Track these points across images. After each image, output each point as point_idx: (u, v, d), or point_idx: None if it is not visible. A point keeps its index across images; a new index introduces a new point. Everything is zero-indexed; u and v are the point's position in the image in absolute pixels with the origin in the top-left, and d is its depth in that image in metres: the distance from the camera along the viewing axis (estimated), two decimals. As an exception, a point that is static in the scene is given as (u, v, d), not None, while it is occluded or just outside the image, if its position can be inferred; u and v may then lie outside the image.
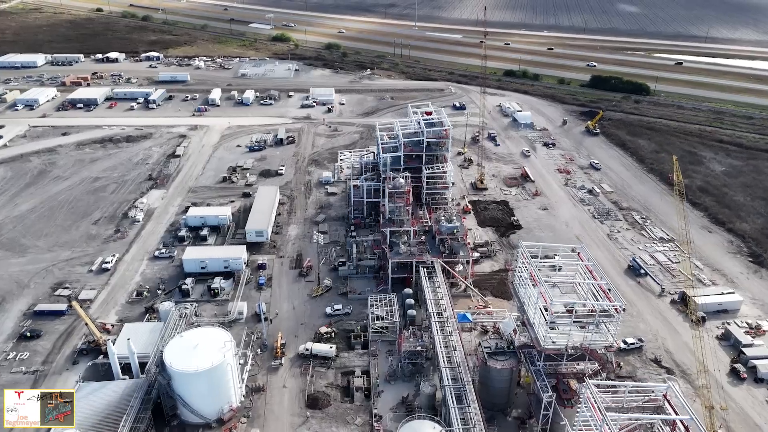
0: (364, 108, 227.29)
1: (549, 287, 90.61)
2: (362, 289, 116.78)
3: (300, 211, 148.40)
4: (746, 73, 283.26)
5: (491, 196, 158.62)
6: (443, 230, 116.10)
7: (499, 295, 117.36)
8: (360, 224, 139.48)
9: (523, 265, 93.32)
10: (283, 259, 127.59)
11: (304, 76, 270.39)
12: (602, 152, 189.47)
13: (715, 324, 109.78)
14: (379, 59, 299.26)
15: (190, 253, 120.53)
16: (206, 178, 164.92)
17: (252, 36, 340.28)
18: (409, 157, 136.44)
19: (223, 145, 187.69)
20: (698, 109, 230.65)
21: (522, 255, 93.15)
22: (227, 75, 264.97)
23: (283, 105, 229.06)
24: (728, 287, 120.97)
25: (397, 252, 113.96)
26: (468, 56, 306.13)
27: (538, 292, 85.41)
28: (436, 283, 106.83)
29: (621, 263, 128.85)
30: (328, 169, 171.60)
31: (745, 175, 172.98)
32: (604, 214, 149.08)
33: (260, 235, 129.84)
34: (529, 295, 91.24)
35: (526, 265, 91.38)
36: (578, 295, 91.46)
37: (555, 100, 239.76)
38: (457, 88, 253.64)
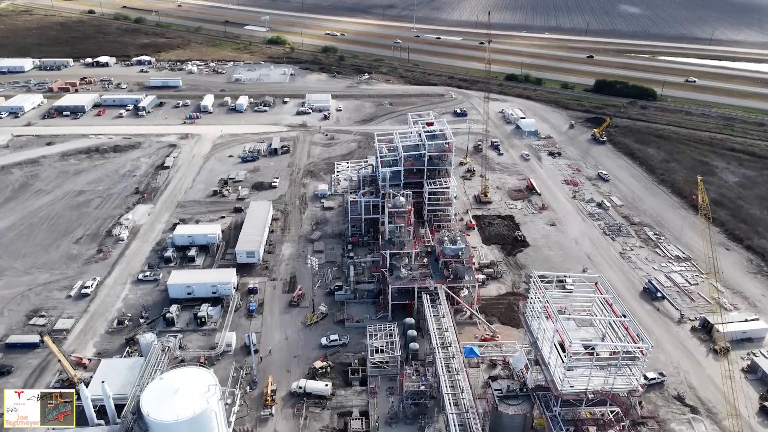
0: (362, 115, 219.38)
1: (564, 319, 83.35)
2: (360, 316, 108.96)
3: (294, 228, 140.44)
4: (754, 77, 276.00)
5: (496, 210, 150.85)
6: (447, 252, 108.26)
7: (507, 321, 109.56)
8: (358, 242, 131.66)
9: (536, 297, 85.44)
10: (275, 282, 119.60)
11: (299, 80, 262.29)
12: (610, 162, 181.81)
13: (740, 354, 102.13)
14: (378, 63, 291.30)
15: (175, 277, 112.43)
16: (196, 191, 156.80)
17: (247, 39, 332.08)
18: (410, 172, 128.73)
19: (214, 156, 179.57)
20: (707, 115, 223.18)
21: (535, 285, 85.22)
22: (221, 80, 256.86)
23: (277, 112, 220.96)
24: (751, 311, 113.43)
25: (397, 276, 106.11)
26: (468, 59, 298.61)
27: (555, 329, 77.54)
28: (440, 312, 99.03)
29: (636, 285, 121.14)
30: (324, 181, 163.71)
31: (760, 187, 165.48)
32: (615, 230, 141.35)
33: (251, 256, 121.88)
34: (542, 329, 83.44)
35: (540, 297, 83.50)
36: (595, 329, 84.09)
37: (559, 106, 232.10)
38: (457, 93, 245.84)
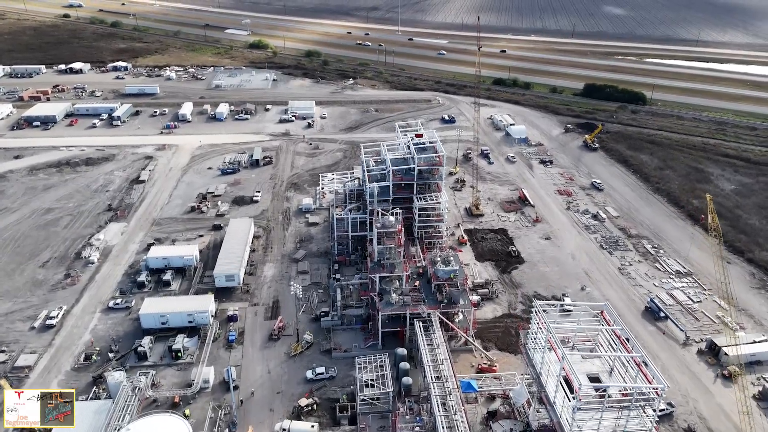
0: (347, 122, 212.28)
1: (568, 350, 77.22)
2: (348, 344, 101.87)
3: (277, 246, 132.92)
4: (743, 79, 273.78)
5: (488, 223, 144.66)
6: (440, 275, 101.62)
7: (505, 347, 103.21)
8: (344, 261, 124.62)
9: (539, 328, 79.15)
10: (257, 308, 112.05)
11: (282, 86, 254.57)
12: (603, 170, 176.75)
13: (750, 379, 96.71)
14: (362, 67, 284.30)
15: (148, 306, 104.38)
16: (173, 207, 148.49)
17: (227, 43, 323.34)
18: (399, 186, 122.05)
19: (192, 168, 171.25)
20: (698, 119, 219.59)
21: (537, 316, 78.92)
22: (200, 86, 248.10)
23: (259, 120, 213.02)
24: (757, 330, 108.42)
25: (387, 302, 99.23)
26: (455, 63, 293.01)
27: (561, 367, 71.20)
28: (434, 342, 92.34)
29: (637, 304, 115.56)
30: (308, 194, 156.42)
31: (757, 195, 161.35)
32: (612, 243, 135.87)
33: (231, 279, 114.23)
34: (546, 363, 77.13)
35: (543, 330, 77.19)
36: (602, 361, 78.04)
37: (548, 111, 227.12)
38: (445, 98, 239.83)
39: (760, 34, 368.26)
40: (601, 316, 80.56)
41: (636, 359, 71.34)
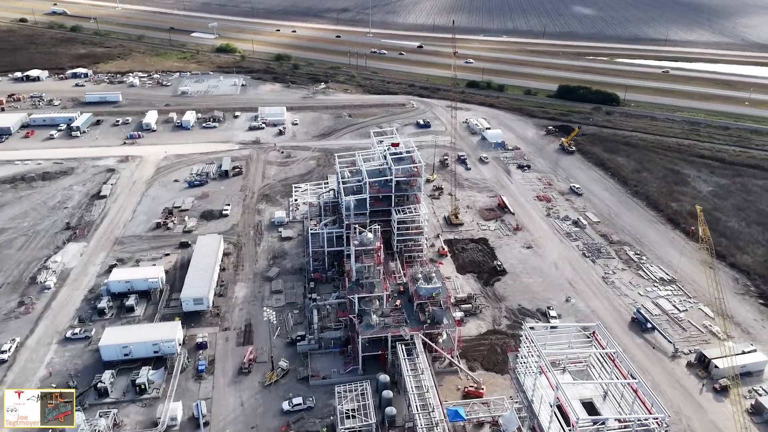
0: (320, 128, 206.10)
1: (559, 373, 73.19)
2: (327, 370, 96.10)
3: (249, 264, 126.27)
4: (712, 78, 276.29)
5: (468, 232, 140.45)
6: (422, 293, 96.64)
7: (491, 367, 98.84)
8: (321, 279, 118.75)
9: (529, 352, 74.76)
10: (228, 333, 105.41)
11: (251, 92, 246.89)
12: (581, 173, 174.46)
13: (741, 392, 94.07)
14: (334, 71, 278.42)
15: (109, 336, 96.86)
16: (137, 224, 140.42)
17: (194, 47, 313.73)
18: (376, 199, 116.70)
19: (158, 181, 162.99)
20: (672, 120, 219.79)
21: (527, 339, 74.52)
22: (165, 93, 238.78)
23: (228, 127, 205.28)
24: (744, 338, 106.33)
25: (367, 324, 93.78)
26: (427, 66, 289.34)
27: (555, 396, 66.80)
28: (418, 367, 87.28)
29: (623, 314, 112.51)
30: (281, 206, 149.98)
31: (735, 196, 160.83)
32: (594, 251, 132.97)
33: (199, 302, 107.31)
34: (538, 388, 72.70)
35: (534, 355, 72.81)
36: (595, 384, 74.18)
37: (523, 114, 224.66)
38: (418, 102, 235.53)
39: (725, 32, 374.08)
40: (593, 337, 76.54)
41: (633, 385, 67.39)
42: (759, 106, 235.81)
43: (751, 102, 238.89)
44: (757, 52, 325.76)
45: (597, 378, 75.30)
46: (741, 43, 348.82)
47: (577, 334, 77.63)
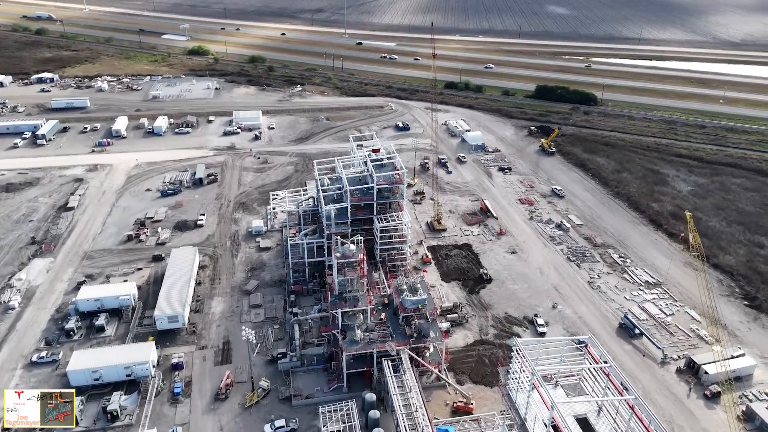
0: (297, 132, 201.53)
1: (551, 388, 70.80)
2: (310, 389, 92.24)
3: (226, 277, 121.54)
4: (686, 77, 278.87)
5: (451, 238, 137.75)
6: (407, 306, 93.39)
7: (480, 379, 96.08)
8: (301, 291, 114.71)
9: (521, 369, 72.09)
10: (205, 352, 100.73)
11: (225, 95, 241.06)
12: (562, 175, 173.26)
13: (731, 398, 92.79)
14: (310, 73, 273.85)
15: (78, 359, 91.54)
16: (107, 237, 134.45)
17: (165, 50, 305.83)
18: (357, 207, 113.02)
19: (129, 190, 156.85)
20: (649, 119, 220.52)
21: (519, 355, 71.81)
22: (136, 98, 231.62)
23: (202, 133, 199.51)
24: (732, 342, 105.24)
25: (352, 340, 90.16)
26: (405, 67, 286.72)
27: (551, 416, 64.14)
28: (405, 384, 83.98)
29: (610, 320, 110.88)
30: (258, 215, 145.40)
31: (714, 195, 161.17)
32: (579, 255, 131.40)
33: (174, 320, 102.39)
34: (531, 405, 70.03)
35: (526, 371, 70.15)
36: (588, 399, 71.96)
37: (502, 115, 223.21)
38: (397, 104, 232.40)
39: (697, 30, 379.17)
40: (586, 350, 74.19)
41: (630, 402, 65.08)
42: (733, 104, 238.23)
43: (725, 100, 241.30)
44: (729, 50, 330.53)
45: (591, 392, 73.16)
46: (713, 41, 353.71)
47: (569, 347, 75.04)
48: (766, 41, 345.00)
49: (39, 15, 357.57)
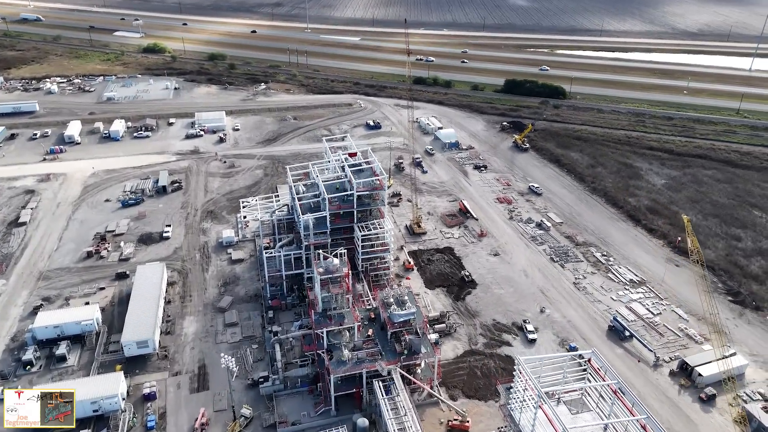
0: (264, 134, 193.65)
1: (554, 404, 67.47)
2: (296, 414, 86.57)
3: (197, 294, 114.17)
4: (649, 68, 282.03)
5: (432, 241, 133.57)
6: (396, 320, 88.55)
7: (473, 393, 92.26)
8: (280, 306, 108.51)
9: (525, 389, 68.32)
10: (180, 378, 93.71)
11: (186, 95, 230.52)
12: (538, 171, 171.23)
13: (727, 400, 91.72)
14: (273, 70, 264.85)
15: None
16: (64, 254, 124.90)
17: (118, 47, 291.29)
18: (336, 215, 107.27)
19: (86, 201, 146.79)
20: (618, 112, 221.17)
21: (522, 374, 67.99)
22: (89, 100, 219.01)
23: (162, 136, 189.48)
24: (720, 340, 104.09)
25: (339, 360, 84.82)
26: (371, 62, 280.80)
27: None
28: (399, 407, 79.29)
29: (599, 322, 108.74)
30: (228, 224, 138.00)
31: (687, 188, 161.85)
32: (562, 255, 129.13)
33: (144, 346, 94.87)
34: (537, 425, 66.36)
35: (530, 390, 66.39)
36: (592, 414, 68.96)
37: (473, 110, 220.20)
38: (366, 101, 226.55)
39: (655, 21, 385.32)
40: (589, 365, 70.97)
41: (642, 422, 62.01)
42: (696, 94, 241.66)
43: (689, 91, 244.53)
44: (687, 40, 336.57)
45: (595, 408, 70.17)
46: (671, 31, 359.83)
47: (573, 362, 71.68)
48: (721, 31, 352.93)
49: (25, 17, 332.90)
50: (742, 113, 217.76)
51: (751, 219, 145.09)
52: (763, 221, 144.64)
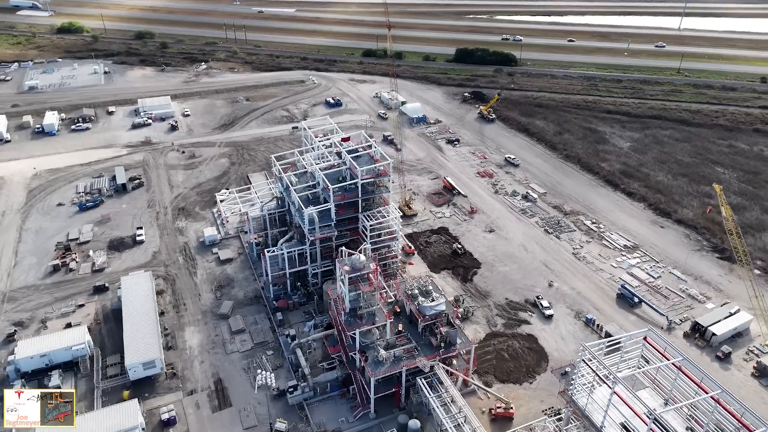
0: (218, 118, 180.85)
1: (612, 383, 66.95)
2: (334, 422, 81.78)
3: (191, 301, 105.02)
4: (587, 31, 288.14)
5: (425, 222, 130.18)
6: (427, 313, 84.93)
7: (506, 377, 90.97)
8: (287, 306, 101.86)
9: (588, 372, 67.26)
10: (197, 396, 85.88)
11: (119, 80, 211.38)
12: (509, 142, 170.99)
13: (739, 355, 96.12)
14: (211, 47, 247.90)
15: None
16: (26, 270, 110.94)
17: (26, 29, 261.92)
18: (339, 206, 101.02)
19: (35, 207, 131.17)
20: (570, 76, 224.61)
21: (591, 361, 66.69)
22: (8, 90, 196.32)
23: (105, 128, 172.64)
24: (719, 297, 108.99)
25: (376, 361, 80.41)
26: (313, 35, 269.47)
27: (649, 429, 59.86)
28: (451, 402, 76.35)
29: (607, 291, 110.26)
30: (205, 221, 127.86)
31: (651, 149, 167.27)
32: (554, 225, 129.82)
33: (151, 366, 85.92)
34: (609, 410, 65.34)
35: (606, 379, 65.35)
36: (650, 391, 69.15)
37: (429, 82, 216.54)
38: (318, 77, 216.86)
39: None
40: (646, 343, 70.77)
41: (715, 397, 62.36)
42: (636, 56, 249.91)
43: (629, 52, 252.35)
44: (617, 2, 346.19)
45: (652, 386, 70.34)
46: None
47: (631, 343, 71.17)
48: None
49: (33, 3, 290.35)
50: (682, 72, 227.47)
51: (715, 175, 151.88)
52: (726, 177, 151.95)
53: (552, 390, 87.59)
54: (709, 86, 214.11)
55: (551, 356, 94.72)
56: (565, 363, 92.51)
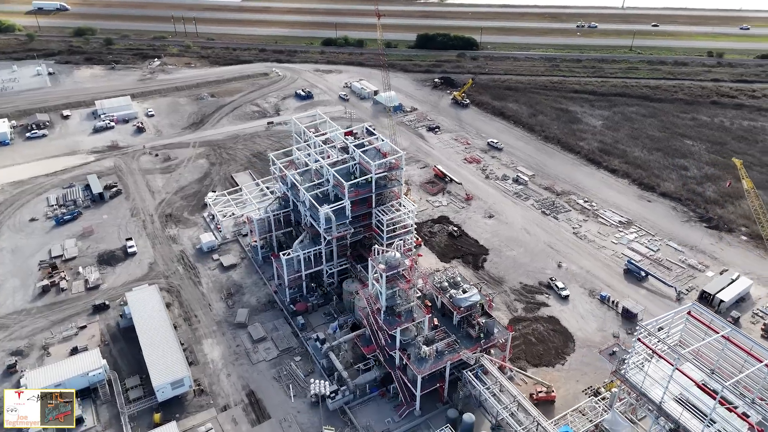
0: (185, 117, 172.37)
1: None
2: (381, 423, 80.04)
3: (202, 312, 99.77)
4: (538, 13, 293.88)
5: (424, 212, 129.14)
6: (462, 305, 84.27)
7: (538, 361, 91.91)
8: (306, 309, 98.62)
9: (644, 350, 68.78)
10: (232, 411, 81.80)
11: (66, 80, 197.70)
12: (487, 126, 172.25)
13: (747, 319, 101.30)
14: (160, 42, 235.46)
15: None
16: (11, 294, 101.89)
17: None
18: (353, 203, 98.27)
19: (5, 225, 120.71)
20: (531, 58, 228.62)
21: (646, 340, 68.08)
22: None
23: (63, 133, 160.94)
24: (716, 265, 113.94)
25: (420, 358, 79.13)
26: (266, 25, 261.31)
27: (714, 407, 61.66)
28: (502, 396, 76.24)
29: (613, 267, 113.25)
30: (198, 226, 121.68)
31: (623, 126, 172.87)
32: (550, 206, 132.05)
33: (179, 385, 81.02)
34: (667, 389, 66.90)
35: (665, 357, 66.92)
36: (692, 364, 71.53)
37: (396, 69, 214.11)
38: (282, 69, 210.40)
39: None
40: (691, 317, 72.96)
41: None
42: (588, 35, 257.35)
43: (582, 32, 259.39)
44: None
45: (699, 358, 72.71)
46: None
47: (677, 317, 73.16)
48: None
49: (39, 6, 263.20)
50: (635, 50, 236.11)
51: (686, 148, 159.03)
52: (696, 149, 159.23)
53: (584, 369, 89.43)
54: (662, 62, 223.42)
55: (576, 336, 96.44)
56: (591, 342, 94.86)
